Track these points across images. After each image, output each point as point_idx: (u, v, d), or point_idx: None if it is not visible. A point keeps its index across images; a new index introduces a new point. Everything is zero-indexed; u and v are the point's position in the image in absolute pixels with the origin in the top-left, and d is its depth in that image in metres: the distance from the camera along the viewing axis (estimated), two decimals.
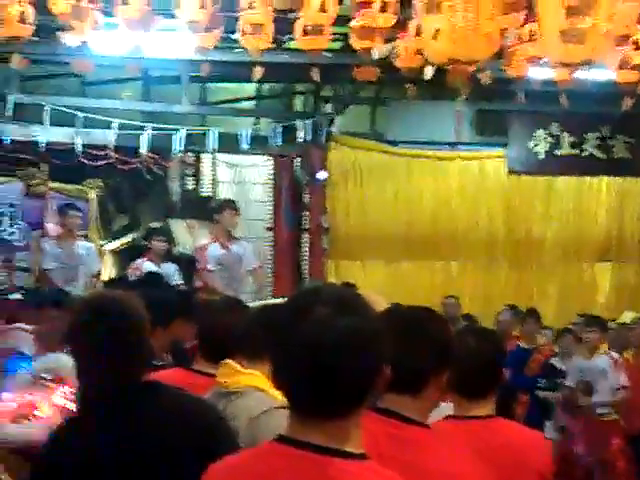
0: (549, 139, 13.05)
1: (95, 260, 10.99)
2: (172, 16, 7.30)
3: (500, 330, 10.71)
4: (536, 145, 13.07)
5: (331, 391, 2.04)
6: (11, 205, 11.79)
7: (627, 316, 10.27)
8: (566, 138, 13.08)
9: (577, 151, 13.15)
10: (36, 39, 8.50)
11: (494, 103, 12.26)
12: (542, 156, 13.13)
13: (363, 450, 2.10)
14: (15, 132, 11.34)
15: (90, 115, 11.41)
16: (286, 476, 2.08)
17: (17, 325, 7.45)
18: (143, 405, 3.13)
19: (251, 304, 5.97)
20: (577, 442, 9.55)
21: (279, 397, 3.43)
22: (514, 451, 3.43)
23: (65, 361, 6.08)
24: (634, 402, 9.45)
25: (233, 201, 10.60)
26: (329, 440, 2.06)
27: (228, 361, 3.70)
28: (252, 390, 3.60)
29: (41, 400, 5.22)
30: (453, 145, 13.27)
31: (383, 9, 6.96)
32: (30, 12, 7.53)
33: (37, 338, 6.40)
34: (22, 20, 7.48)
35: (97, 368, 3.15)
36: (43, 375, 5.98)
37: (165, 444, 3.02)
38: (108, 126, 11.49)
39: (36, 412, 5.19)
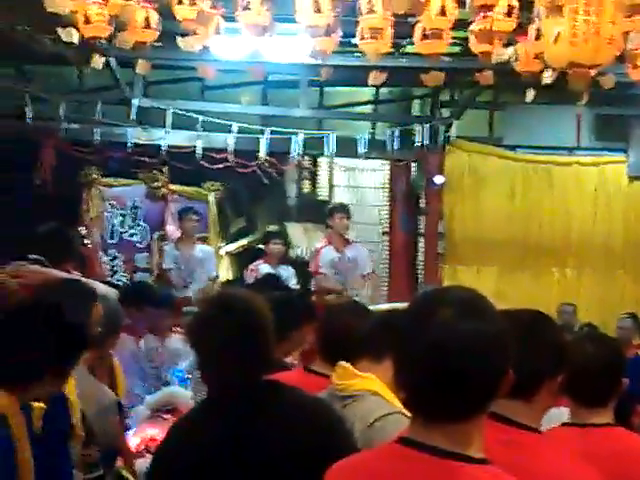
0: None
1: (212, 263, 11.14)
2: (292, 21, 7.35)
3: (620, 338, 10.53)
4: None
5: (455, 394, 2.04)
6: (133, 207, 12.03)
7: None
8: None
9: None
10: (160, 44, 8.68)
11: (615, 107, 12.05)
12: None
13: (483, 455, 2.09)
14: (138, 135, 11.59)
15: (210, 119, 11.57)
16: (408, 478, 2.08)
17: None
18: (266, 403, 3.17)
19: (371, 307, 6.02)
20: None
21: (395, 402, 3.46)
22: (632, 461, 3.37)
23: (178, 392, 6.21)
24: None
25: (343, 205, 10.62)
26: (452, 443, 2.06)
27: (344, 364, 3.71)
28: (368, 394, 3.59)
29: (161, 433, 5.30)
30: (572, 150, 13.08)
31: (504, 13, 6.91)
32: (154, 18, 7.68)
33: None
34: (147, 26, 7.63)
35: (220, 364, 3.21)
36: (159, 408, 6.11)
37: (287, 442, 3.05)
38: (228, 130, 11.64)
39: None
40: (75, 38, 7.55)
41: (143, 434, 5.91)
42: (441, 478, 2.04)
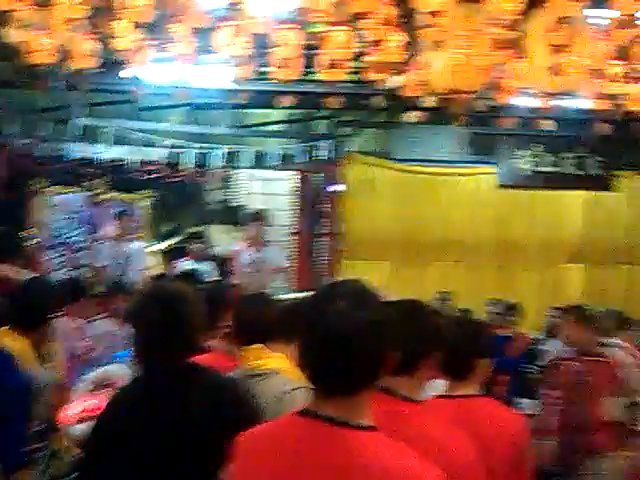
0: (533, 158, 13.08)
1: (144, 258, 11.04)
2: (214, 52, 7.32)
3: (489, 321, 10.73)
4: (522, 163, 13.09)
5: (347, 371, 2.09)
6: (76, 212, 11.87)
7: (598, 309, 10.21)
8: (547, 157, 13.10)
9: (557, 168, 13.14)
10: (101, 70, 8.58)
11: (487, 127, 12.26)
12: (527, 172, 13.14)
13: (373, 423, 2.13)
14: (82, 150, 11.43)
15: (145, 135, 11.47)
16: (306, 443, 2.11)
17: None
18: (187, 382, 3.16)
19: (281, 297, 6.02)
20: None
21: (302, 378, 3.47)
22: (494, 425, 3.42)
23: (115, 370, 6.14)
24: None
25: (259, 212, 10.61)
26: (345, 414, 2.10)
27: (257, 345, 3.71)
28: (278, 372, 3.61)
29: (100, 403, 5.24)
30: (451, 163, 13.27)
31: (395, 47, 6.98)
32: (96, 47, 7.59)
33: None
34: (89, 54, 7.53)
35: (150, 347, 3.20)
36: (98, 384, 6.02)
37: (205, 415, 3.06)
38: (159, 145, 11.56)
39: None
40: (25, 64, 7.42)
41: (83, 404, 5.82)
42: (335, 443, 2.08)
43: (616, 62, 7.15)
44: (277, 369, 3.60)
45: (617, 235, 13.52)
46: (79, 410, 5.67)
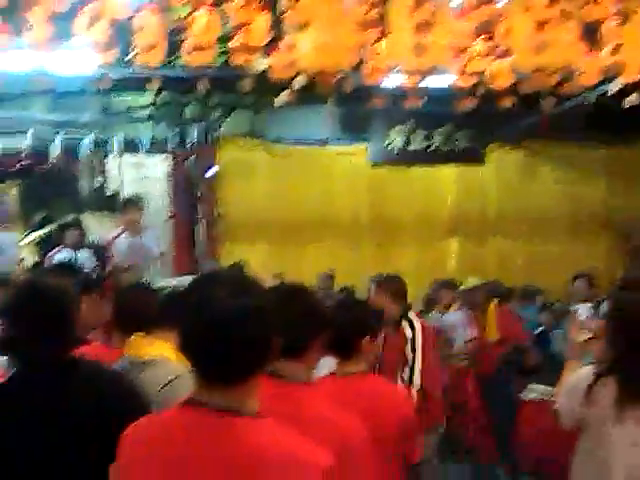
0: (404, 135, 13.26)
1: (15, 249, 10.72)
2: (74, 37, 7.10)
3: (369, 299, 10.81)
4: (393, 140, 13.25)
5: (228, 360, 2.07)
6: None
7: (471, 281, 10.43)
8: (418, 134, 13.30)
9: (427, 144, 13.38)
10: None
11: (357, 106, 12.33)
12: (397, 151, 13.31)
13: (259, 409, 2.12)
14: None
15: (4, 126, 11.10)
16: (191, 433, 2.09)
17: None
18: (69, 376, 3.08)
19: (160, 283, 5.91)
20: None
21: (187, 364, 3.41)
22: (380, 399, 3.51)
23: None
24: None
25: (138, 197, 10.39)
26: (229, 402, 2.08)
27: (138, 334, 3.66)
28: (161, 360, 3.55)
29: None
30: (323, 142, 13.34)
31: (259, 29, 6.92)
32: None
33: None
34: None
35: (29, 342, 3.10)
36: None
37: (89, 410, 2.99)
38: (22, 134, 11.21)
39: None
40: None
41: None
42: (220, 431, 2.07)
43: (478, 40, 7.27)
44: (160, 357, 3.54)
45: (488, 208, 13.85)
46: None
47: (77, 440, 2.94)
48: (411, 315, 6.49)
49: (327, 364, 3.57)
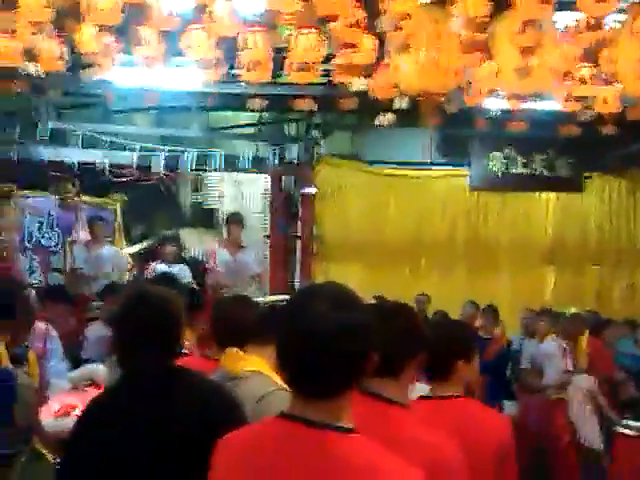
0: (504, 160, 13.12)
1: (123, 261, 10.97)
2: (183, 54, 7.26)
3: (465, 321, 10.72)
4: (494, 165, 13.13)
5: (326, 374, 2.06)
6: (48, 215, 11.79)
7: (571, 311, 10.27)
8: (518, 159, 13.15)
9: (527, 170, 13.21)
10: (69, 74, 8.50)
11: (457, 129, 12.28)
12: (498, 174, 13.18)
13: (353, 425, 2.11)
14: (51, 154, 11.34)
15: (114, 139, 11.39)
16: (282, 445, 2.09)
17: None
18: (174, 385, 3.14)
19: (259, 299, 5.97)
20: (529, 417, 9.53)
21: (278, 380, 3.43)
22: (477, 425, 3.42)
23: (98, 369, 6.07)
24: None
25: (239, 215, 10.49)
26: (324, 416, 2.07)
27: (232, 348, 3.68)
28: (254, 374, 3.57)
29: (80, 401, 5.19)
30: (422, 165, 13.29)
31: (363, 49, 6.94)
32: (64, 50, 7.51)
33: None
34: (57, 57, 7.45)
35: (136, 350, 3.16)
36: (79, 383, 5.96)
37: (192, 419, 3.03)
38: (130, 148, 11.48)
39: (76, 411, 5.17)
40: None
41: (63, 401, 5.77)
42: (315, 446, 2.06)
43: (584, 64, 7.16)
44: (255, 372, 3.56)
45: (587, 236, 13.58)
46: (57, 408, 5.62)
47: (180, 448, 2.98)
48: None
49: (419, 389, 3.53)
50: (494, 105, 8.86)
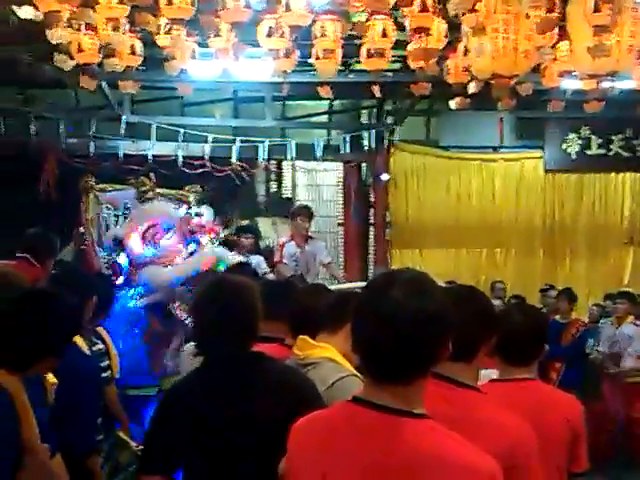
0: (580, 141, 12.93)
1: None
2: (256, 45, 7.31)
3: (548, 307, 10.65)
4: (569, 146, 12.94)
5: (401, 360, 2.07)
6: (125, 208, 11.93)
7: None
8: (595, 140, 12.94)
9: (604, 151, 12.99)
10: (144, 68, 8.65)
11: (532, 111, 12.15)
12: (574, 156, 13.00)
13: (424, 411, 2.12)
14: (127, 147, 11.54)
15: (189, 131, 11.53)
16: (359, 431, 2.11)
17: None
18: (254, 370, 3.23)
19: (333, 287, 5.99)
20: (608, 401, 9.42)
21: (348, 366, 3.47)
22: (551, 408, 3.43)
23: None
24: None
25: (305, 207, 10.52)
26: (397, 402, 2.09)
27: (303, 336, 3.72)
28: (325, 361, 3.60)
29: None
30: (497, 148, 13.19)
31: (434, 33, 6.91)
32: (139, 45, 7.63)
33: None
34: (132, 52, 7.58)
35: (217, 336, 3.24)
36: None
37: (273, 402, 3.12)
38: (204, 140, 11.60)
39: None
40: (70, 64, 7.48)
41: None
42: (386, 430, 2.07)
43: None
44: (325, 358, 3.60)
45: None
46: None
47: (260, 431, 3.07)
48: None
49: (486, 374, 3.53)
50: (570, 86, 8.73)
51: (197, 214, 8.03)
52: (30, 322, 3.36)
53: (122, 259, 7.40)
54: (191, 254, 7.20)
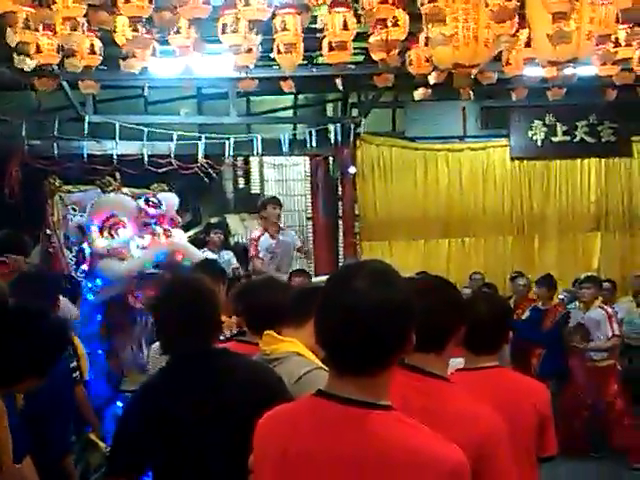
0: (545, 128, 13.02)
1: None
2: (217, 41, 7.27)
3: (517, 293, 10.72)
4: (534, 134, 13.02)
5: (365, 352, 2.04)
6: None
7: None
8: (559, 127, 13.03)
9: (569, 137, 13.09)
10: (104, 67, 8.56)
11: (496, 100, 12.20)
12: (540, 143, 13.08)
13: (390, 402, 2.10)
14: (92, 147, 11.46)
15: (153, 130, 11.46)
16: (324, 424, 2.10)
17: None
18: (220, 365, 3.25)
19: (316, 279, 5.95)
20: (577, 380, 9.49)
21: (315, 360, 3.47)
22: (516, 393, 3.45)
23: None
24: None
25: (274, 197, 10.53)
26: (362, 394, 2.07)
27: (269, 332, 3.71)
28: (292, 355, 3.60)
29: None
30: (462, 138, 13.24)
31: (395, 24, 6.89)
32: (98, 44, 7.56)
33: None
34: (92, 51, 7.51)
35: (179, 334, 3.26)
36: None
37: (239, 397, 3.13)
38: (169, 138, 11.54)
39: None
40: (30, 65, 7.40)
41: None
42: (352, 423, 2.06)
43: (621, 26, 7.03)
44: (292, 353, 3.59)
45: (633, 201, 13.42)
46: None
47: (227, 428, 3.08)
48: None
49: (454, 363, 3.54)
50: (532, 73, 8.75)
51: (155, 203, 7.91)
52: (15, 342, 3.24)
53: (86, 246, 7.34)
54: (144, 248, 7.13)
